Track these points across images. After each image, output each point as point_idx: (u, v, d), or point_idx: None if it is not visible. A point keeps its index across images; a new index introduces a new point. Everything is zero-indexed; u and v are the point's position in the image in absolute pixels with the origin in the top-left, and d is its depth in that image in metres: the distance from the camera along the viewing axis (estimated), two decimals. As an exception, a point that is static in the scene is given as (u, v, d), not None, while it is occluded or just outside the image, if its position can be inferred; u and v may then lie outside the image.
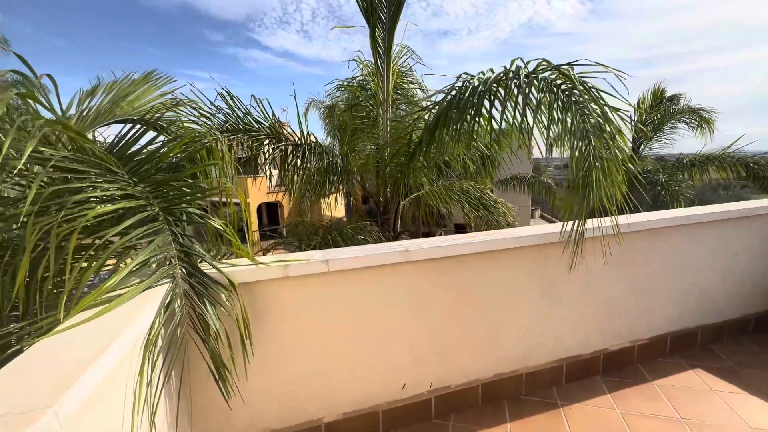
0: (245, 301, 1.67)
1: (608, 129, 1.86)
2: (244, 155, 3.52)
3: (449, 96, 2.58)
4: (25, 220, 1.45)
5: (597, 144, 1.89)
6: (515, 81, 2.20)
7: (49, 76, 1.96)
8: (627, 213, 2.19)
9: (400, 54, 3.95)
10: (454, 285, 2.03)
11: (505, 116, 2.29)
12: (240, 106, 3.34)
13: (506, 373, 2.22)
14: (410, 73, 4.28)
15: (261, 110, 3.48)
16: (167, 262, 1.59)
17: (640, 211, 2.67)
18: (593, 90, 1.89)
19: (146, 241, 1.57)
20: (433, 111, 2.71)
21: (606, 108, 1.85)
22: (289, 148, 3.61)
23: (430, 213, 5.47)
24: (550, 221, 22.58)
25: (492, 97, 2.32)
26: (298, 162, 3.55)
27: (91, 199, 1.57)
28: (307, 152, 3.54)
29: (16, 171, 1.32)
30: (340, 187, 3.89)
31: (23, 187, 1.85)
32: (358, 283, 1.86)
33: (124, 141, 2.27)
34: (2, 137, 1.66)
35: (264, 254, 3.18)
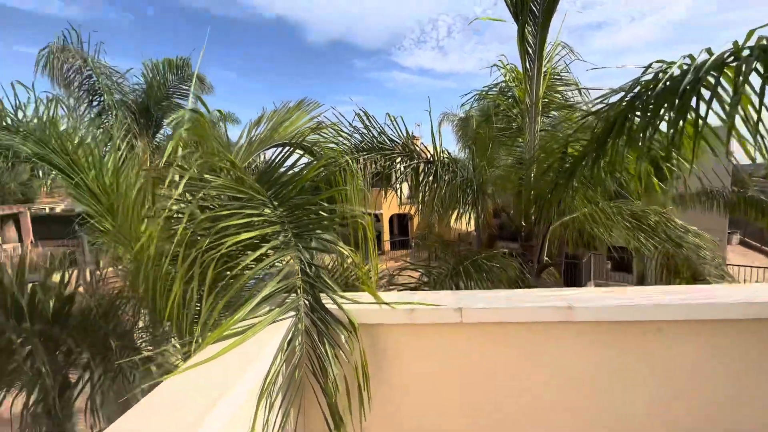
0: (365, 345, 1.48)
1: None
2: (377, 170, 3.52)
3: (630, 95, 1.94)
4: (200, 237, 1.61)
5: None
6: (757, 62, 1.46)
7: (219, 111, 2.25)
8: None
9: (553, 53, 3.33)
10: (641, 360, 1.42)
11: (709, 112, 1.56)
12: (375, 125, 3.35)
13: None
14: (564, 73, 3.59)
15: (395, 128, 3.42)
16: (293, 293, 1.54)
17: None
18: None
19: (276, 270, 1.56)
20: (604, 116, 2.09)
21: None
22: (421, 166, 3.44)
23: (579, 234, 4.52)
24: (760, 250, 16.67)
25: (710, 91, 1.60)
26: (430, 179, 3.34)
27: (241, 222, 1.64)
28: (439, 170, 3.30)
29: (174, 197, 1.44)
30: (475, 207, 3.50)
31: (204, 208, 2.09)
32: (500, 341, 1.46)
33: (271, 166, 2.45)
34: (185, 166, 1.94)
35: (389, 281, 3.06)
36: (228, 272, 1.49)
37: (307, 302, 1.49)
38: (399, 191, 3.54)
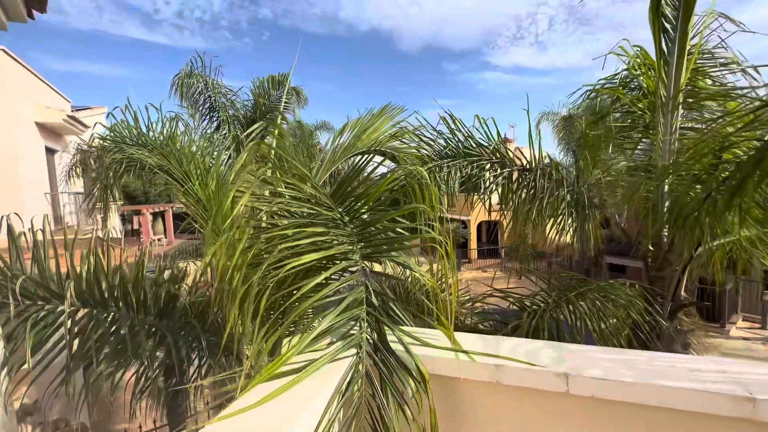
0: (436, 400, 1.21)
1: None
2: (463, 177, 3.20)
3: None
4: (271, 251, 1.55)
5: None
6: None
7: (299, 121, 2.22)
8: None
9: (703, 27, 2.52)
10: None
11: None
12: (461, 129, 3.03)
13: None
14: (718, 50, 2.71)
15: (485, 131, 3.04)
16: (356, 325, 1.35)
17: None
18: None
19: (339, 297, 1.40)
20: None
21: None
22: (515, 174, 3.00)
23: (732, 261, 3.46)
24: None
25: None
26: (524, 193, 2.88)
27: (305, 242, 1.53)
28: (538, 179, 2.82)
29: (237, 210, 1.38)
30: (583, 222, 2.91)
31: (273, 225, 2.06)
32: (626, 428, 1.05)
33: (348, 176, 2.33)
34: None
35: (472, 309, 2.70)
36: (288, 297, 1.38)
37: (370, 340, 1.28)
38: (488, 202, 3.15)
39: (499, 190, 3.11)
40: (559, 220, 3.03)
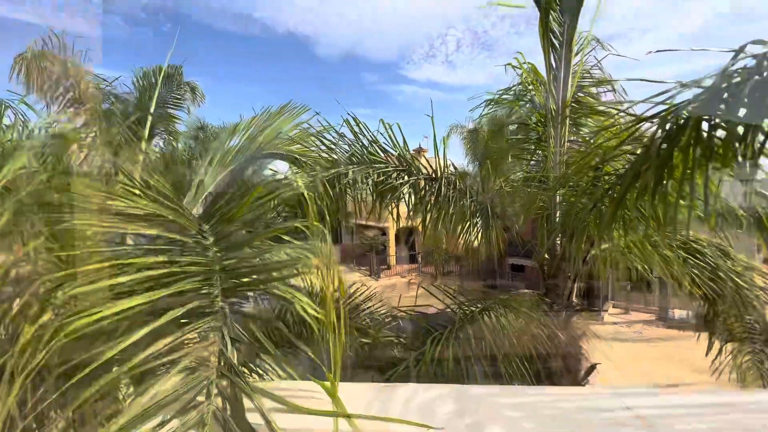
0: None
1: None
2: (369, 185, 3.01)
3: (726, 86, 1.37)
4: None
5: None
6: None
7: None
8: None
9: (585, 46, 2.74)
10: None
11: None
12: (366, 133, 2.82)
13: None
14: (595, 71, 2.99)
15: (389, 136, 2.88)
16: (203, 392, 0.98)
17: None
18: None
19: (178, 357, 1.01)
20: (672, 119, 1.52)
21: None
22: (422, 182, 2.89)
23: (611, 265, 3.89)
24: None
25: None
26: (432, 200, 2.78)
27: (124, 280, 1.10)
28: (443, 188, 2.74)
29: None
30: (486, 229, 2.93)
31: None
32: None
33: (227, 189, 1.92)
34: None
35: (379, 330, 2.45)
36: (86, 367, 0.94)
37: (218, 414, 0.92)
38: (393, 210, 3.00)
39: (406, 198, 2.99)
40: (465, 227, 3.03)
